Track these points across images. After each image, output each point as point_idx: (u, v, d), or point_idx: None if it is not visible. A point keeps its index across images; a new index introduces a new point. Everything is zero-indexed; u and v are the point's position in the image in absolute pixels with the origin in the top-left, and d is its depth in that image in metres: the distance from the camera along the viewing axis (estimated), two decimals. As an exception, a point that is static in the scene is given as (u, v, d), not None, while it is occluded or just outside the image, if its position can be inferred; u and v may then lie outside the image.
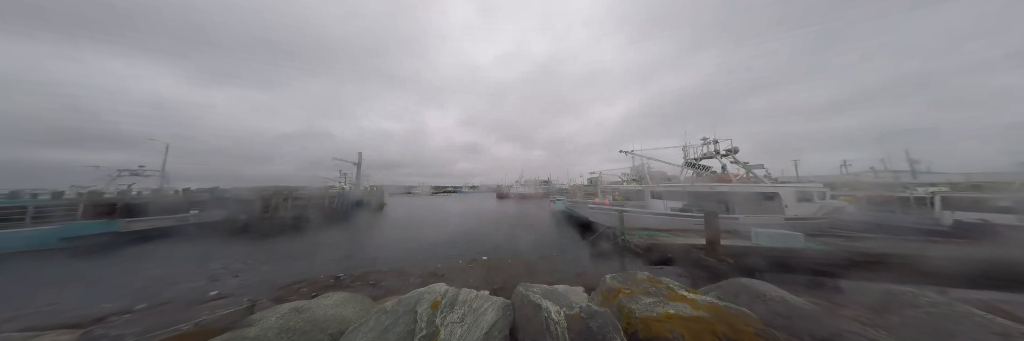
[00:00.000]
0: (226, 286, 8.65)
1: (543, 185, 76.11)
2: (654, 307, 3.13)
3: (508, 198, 61.79)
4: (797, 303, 3.44)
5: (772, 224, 11.76)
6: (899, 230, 11.87)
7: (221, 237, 16.91)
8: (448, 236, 17.24)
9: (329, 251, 13.92)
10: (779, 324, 3.07)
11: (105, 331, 3.53)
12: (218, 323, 3.65)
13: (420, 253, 13.08)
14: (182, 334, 3.46)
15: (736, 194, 15.56)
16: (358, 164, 38.69)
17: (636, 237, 10.76)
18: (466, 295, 3.74)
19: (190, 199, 22.83)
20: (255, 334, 3.14)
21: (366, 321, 3.35)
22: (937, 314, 3.11)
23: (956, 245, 8.82)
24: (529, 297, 3.49)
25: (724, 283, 4.27)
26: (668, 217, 15.56)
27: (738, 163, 17.77)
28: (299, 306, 3.81)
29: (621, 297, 3.45)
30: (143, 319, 3.87)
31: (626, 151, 24.08)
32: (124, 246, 14.27)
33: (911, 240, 9.76)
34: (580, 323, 2.90)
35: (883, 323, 3.20)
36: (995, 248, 7.57)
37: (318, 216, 25.01)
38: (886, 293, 3.66)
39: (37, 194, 17.58)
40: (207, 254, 12.77)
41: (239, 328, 3.34)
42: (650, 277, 4.05)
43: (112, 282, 9.51)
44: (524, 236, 16.71)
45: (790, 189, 15.05)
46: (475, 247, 13.95)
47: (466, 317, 3.31)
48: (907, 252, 7.58)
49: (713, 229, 8.30)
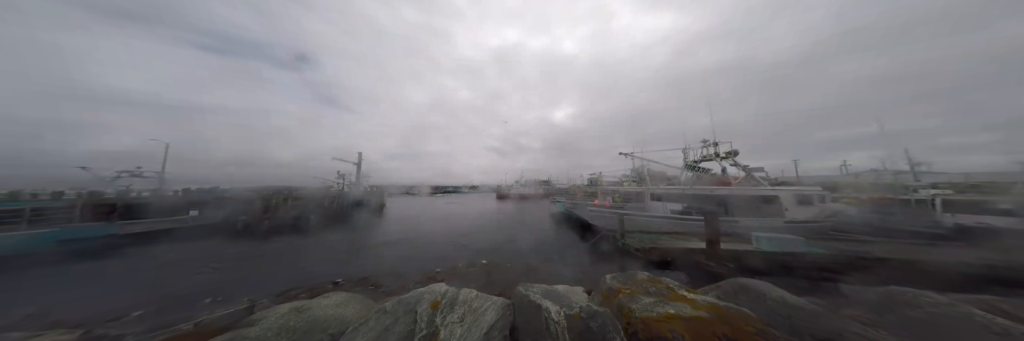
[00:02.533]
0: (221, 293, 8.56)
1: (543, 185, 76.04)
2: (654, 307, 3.13)
3: (508, 199, 61.73)
4: (797, 303, 3.44)
5: (772, 227, 11.74)
6: (899, 233, 11.78)
7: (220, 239, 16.89)
8: (447, 238, 17.28)
9: (329, 256, 13.80)
10: (779, 324, 3.07)
11: (105, 331, 3.52)
12: (218, 323, 3.65)
13: (419, 256, 13.04)
14: (182, 334, 3.46)
15: (736, 197, 15.56)
16: (358, 164, 38.69)
17: (637, 241, 10.78)
18: (466, 295, 3.74)
19: (190, 199, 22.80)
20: (255, 334, 3.14)
21: (366, 321, 3.35)
22: (937, 314, 3.10)
23: (956, 249, 8.82)
24: (529, 297, 3.49)
25: (724, 283, 4.26)
26: (668, 220, 15.55)
27: (738, 166, 17.76)
28: (299, 306, 3.81)
29: (621, 297, 3.45)
30: (143, 319, 3.86)
31: (626, 153, 24.07)
32: (122, 249, 14.16)
33: (911, 244, 9.74)
34: (580, 323, 2.90)
35: (883, 323, 3.20)
36: (995, 253, 7.57)
37: (318, 217, 24.89)
38: (886, 293, 3.66)
39: (37, 194, 17.56)
40: (205, 257, 12.74)
41: (239, 328, 3.34)
42: (650, 277, 4.04)
43: (112, 284, 9.50)
44: (524, 239, 16.70)
45: (790, 192, 15.04)
46: (475, 250, 13.92)
47: (466, 317, 3.31)
48: (908, 257, 7.61)
49: (713, 229, 8.32)
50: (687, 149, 20.48)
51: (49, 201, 16.71)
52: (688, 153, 20.40)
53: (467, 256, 12.72)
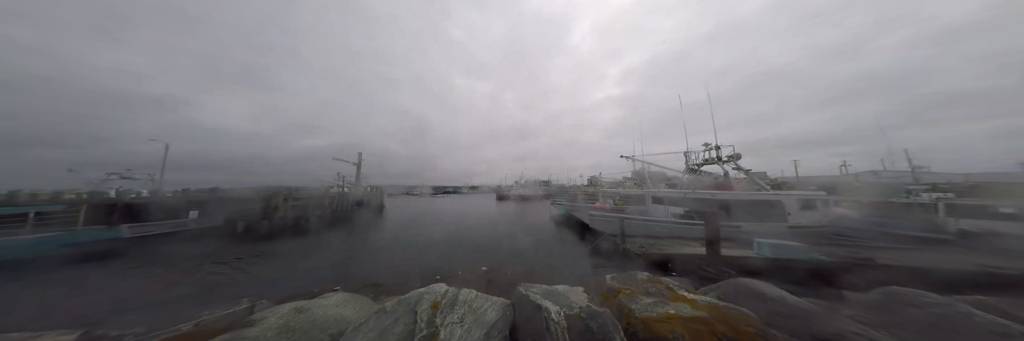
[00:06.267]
0: (223, 295, 8.55)
1: (543, 186, 76.05)
2: (654, 307, 3.13)
3: (508, 199, 61.65)
4: (797, 303, 3.44)
5: (775, 233, 11.65)
6: (902, 239, 11.70)
7: (221, 241, 16.89)
8: (447, 240, 17.29)
9: (330, 258, 13.72)
10: (779, 324, 3.07)
11: (105, 331, 3.52)
12: (218, 323, 3.65)
13: (418, 259, 13.02)
14: (182, 334, 3.46)
15: (738, 202, 15.42)
16: (358, 164, 38.72)
17: (637, 246, 10.83)
18: (466, 295, 3.74)
19: (190, 199, 22.82)
20: (255, 334, 3.13)
21: (366, 321, 3.35)
22: (937, 314, 3.10)
23: (961, 255, 8.82)
24: (529, 297, 3.49)
25: (724, 283, 4.26)
26: (670, 224, 15.46)
27: (740, 169, 17.71)
28: (299, 306, 3.81)
29: (621, 297, 3.45)
30: (143, 319, 3.86)
31: (627, 156, 24.00)
32: (126, 252, 14.18)
33: (915, 250, 9.70)
34: (580, 323, 2.90)
35: (883, 323, 3.20)
36: (1000, 259, 7.58)
37: (319, 218, 24.84)
38: (886, 293, 3.66)
39: (37, 194, 17.59)
40: (204, 260, 12.77)
41: (239, 328, 3.34)
42: (650, 277, 4.05)
43: (113, 287, 9.51)
44: (524, 241, 16.67)
45: (793, 197, 14.96)
46: (475, 254, 13.87)
47: (466, 317, 3.31)
48: (912, 265, 7.66)
49: (713, 229, 8.33)
50: (689, 153, 20.45)
51: (53, 205, 16.71)
52: (690, 156, 20.36)
53: (467, 257, 12.70)
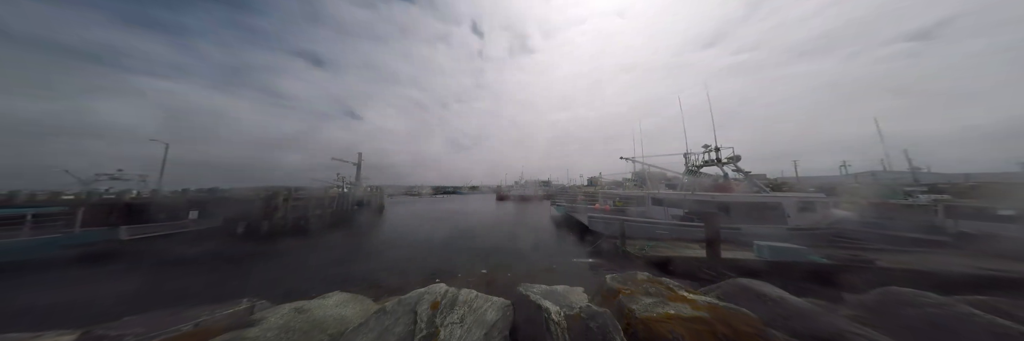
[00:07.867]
0: (221, 299, 8.52)
1: (543, 186, 76.04)
2: (654, 307, 3.13)
3: (508, 200, 61.64)
4: (797, 303, 3.44)
5: (775, 235, 11.62)
6: (902, 241, 11.66)
7: (222, 242, 16.87)
8: (448, 240, 17.29)
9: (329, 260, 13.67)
10: (779, 324, 3.07)
11: (105, 331, 3.52)
12: (218, 323, 3.65)
13: (418, 260, 13.00)
14: (182, 334, 3.45)
15: (738, 203, 15.38)
16: (358, 164, 38.70)
17: (637, 249, 10.83)
18: (466, 295, 3.74)
19: (190, 199, 22.79)
20: (255, 334, 3.13)
21: (366, 321, 3.35)
22: (937, 314, 3.10)
23: (960, 258, 8.85)
24: (529, 297, 3.50)
25: (724, 284, 4.27)
26: (670, 226, 15.40)
27: (740, 171, 17.68)
28: (299, 306, 3.81)
29: (621, 297, 3.45)
30: (143, 319, 3.86)
31: (627, 158, 23.98)
32: (125, 253, 14.12)
33: (914, 252, 9.69)
34: (580, 323, 2.91)
35: (883, 323, 3.20)
36: (998, 262, 7.60)
37: (319, 218, 24.75)
38: (885, 293, 3.66)
39: (36, 194, 17.58)
40: (204, 261, 12.79)
41: (239, 328, 3.34)
42: (650, 278, 4.05)
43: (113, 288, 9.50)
44: (524, 242, 16.66)
45: (792, 199, 14.93)
46: (475, 255, 13.84)
47: (466, 317, 3.31)
48: (912, 268, 7.73)
49: (713, 231, 8.35)
50: (689, 154, 20.43)
51: (50, 206, 16.65)
52: (689, 158, 20.34)
53: (467, 258, 12.68)
